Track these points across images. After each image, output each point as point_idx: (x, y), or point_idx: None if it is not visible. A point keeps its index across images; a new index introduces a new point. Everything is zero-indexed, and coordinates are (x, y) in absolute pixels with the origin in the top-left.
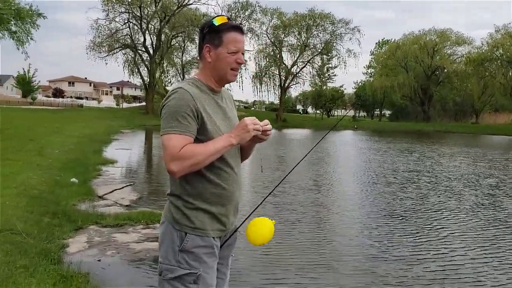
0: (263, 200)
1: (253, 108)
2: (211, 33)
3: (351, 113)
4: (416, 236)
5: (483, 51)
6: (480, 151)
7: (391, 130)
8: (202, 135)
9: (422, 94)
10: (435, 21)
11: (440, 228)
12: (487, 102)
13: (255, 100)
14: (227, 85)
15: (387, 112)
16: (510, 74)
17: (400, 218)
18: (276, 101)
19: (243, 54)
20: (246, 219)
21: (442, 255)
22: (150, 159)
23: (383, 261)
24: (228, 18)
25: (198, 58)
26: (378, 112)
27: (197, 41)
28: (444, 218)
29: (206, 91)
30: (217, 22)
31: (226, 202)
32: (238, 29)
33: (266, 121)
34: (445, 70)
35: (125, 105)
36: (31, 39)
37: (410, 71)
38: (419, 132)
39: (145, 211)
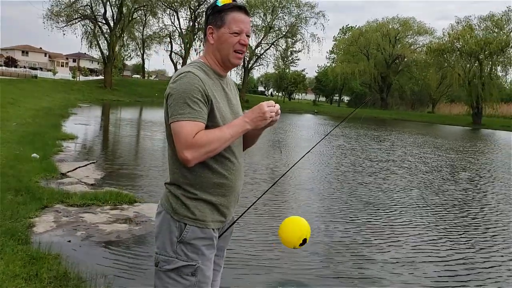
0: (264, 193)
1: None
2: (214, 14)
3: (311, 97)
4: (415, 236)
5: (444, 41)
6: (446, 141)
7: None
8: (209, 121)
9: (381, 82)
10: (400, 8)
11: (432, 227)
12: (444, 93)
13: None
14: None
15: (346, 98)
16: (468, 66)
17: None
18: (238, 82)
19: (248, 36)
20: (245, 212)
21: (438, 258)
22: (111, 137)
23: (373, 263)
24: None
25: (203, 42)
26: (337, 98)
27: (159, 15)
28: (429, 216)
29: (212, 75)
30: (220, 2)
31: (228, 192)
32: (242, 9)
33: (278, 106)
34: (405, 59)
35: (81, 78)
36: None
37: (371, 59)
38: (376, 119)
39: (112, 191)
